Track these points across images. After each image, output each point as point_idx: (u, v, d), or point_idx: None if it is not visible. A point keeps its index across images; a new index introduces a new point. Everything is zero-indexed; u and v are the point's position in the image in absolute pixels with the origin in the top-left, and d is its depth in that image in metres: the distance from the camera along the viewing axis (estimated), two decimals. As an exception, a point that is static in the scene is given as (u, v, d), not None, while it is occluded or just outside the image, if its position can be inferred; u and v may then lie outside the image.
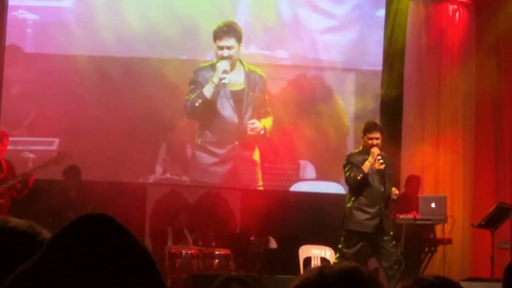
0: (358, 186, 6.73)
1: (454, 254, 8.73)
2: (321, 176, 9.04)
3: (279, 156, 8.96)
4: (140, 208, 8.59)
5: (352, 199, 6.81)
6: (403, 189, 8.35)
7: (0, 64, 8.73)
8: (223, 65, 8.73)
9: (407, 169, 8.89)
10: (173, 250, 7.56)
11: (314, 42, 9.04)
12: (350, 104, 9.15)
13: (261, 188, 8.94)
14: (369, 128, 6.79)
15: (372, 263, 7.35)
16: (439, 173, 9.01)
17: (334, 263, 6.58)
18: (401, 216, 8.11)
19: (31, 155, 8.09)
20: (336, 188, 8.98)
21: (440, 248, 8.50)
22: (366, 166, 6.70)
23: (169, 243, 7.94)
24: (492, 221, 7.79)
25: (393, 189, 6.92)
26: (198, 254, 7.55)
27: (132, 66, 8.77)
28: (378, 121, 7.23)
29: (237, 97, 8.85)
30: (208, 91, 8.77)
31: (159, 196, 8.85)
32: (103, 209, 7.95)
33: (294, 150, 8.95)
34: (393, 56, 9.15)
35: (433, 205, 8.32)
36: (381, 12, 9.20)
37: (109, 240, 1.04)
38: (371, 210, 6.73)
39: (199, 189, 8.93)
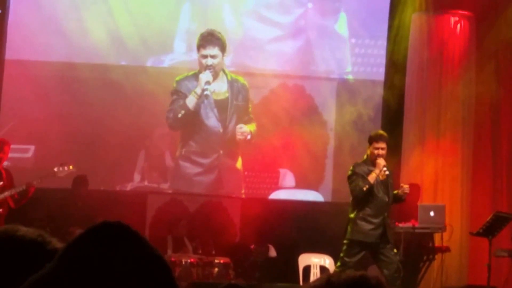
0: (363, 197, 6.75)
1: (452, 262, 8.75)
2: (300, 184, 9.06)
3: (260, 164, 8.95)
4: (140, 217, 8.58)
5: (357, 209, 6.82)
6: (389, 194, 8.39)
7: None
8: (205, 76, 8.68)
9: (406, 178, 8.91)
10: (173, 259, 7.56)
11: (261, 52, 8.99)
12: (330, 112, 9.15)
13: (243, 196, 8.94)
14: (375, 138, 6.84)
15: (372, 271, 7.38)
16: (438, 182, 9.05)
17: (340, 271, 6.63)
18: (400, 225, 8.15)
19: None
20: (314, 196, 9.01)
21: (438, 256, 8.54)
22: (372, 177, 6.73)
23: (169, 251, 7.94)
24: (489, 230, 7.84)
25: (401, 184, 6.98)
26: (198, 263, 7.55)
27: (108, 73, 8.72)
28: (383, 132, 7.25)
29: (221, 106, 8.83)
30: (191, 102, 8.73)
31: (159, 204, 8.84)
32: (102, 217, 7.93)
33: (274, 158, 8.94)
34: (395, 67, 9.20)
35: (432, 213, 8.36)
36: (330, 22, 9.16)
37: (125, 248, 1.05)
38: (376, 221, 6.77)
39: (199, 198, 8.93)
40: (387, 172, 6.80)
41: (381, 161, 6.76)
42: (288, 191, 9.01)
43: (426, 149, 9.06)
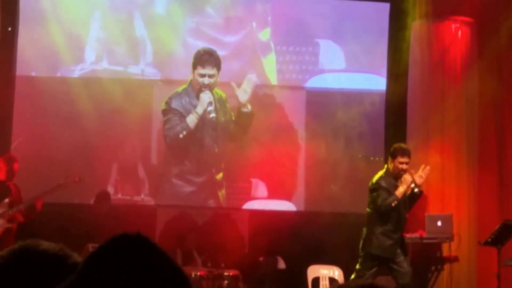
0: (389, 212, 6.75)
1: (460, 272, 8.76)
2: (273, 194, 9.08)
3: (233, 175, 8.97)
4: (149, 230, 8.62)
5: (378, 224, 6.80)
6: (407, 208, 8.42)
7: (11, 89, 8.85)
8: (207, 96, 8.69)
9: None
10: (183, 272, 7.60)
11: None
12: (300, 122, 9.15)
13: (224, 205, 8.97)
14: (400, 152, 6.81)
15: (380, 281, 7.40)
16: (444, 191, 9.07)
17: (350, 281, 6.66)
18: (408, 235, 8.17)
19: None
20: (287, 206, 9.03)
21: (447, 266, 8.55)
22: (400, 193, 6.71)
23: (179, 264, 7.98)
24: (498, 239, 7.83)
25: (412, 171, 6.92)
26: (208, 275, 7.57)
27: (78, 86, 8.75)
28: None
29: (212, 125, 8.87)
30: (192, 122, 8.75)
31: (168, 218, 8.90)
32: (111, 231, 8.01)
33: (245, 168, 8.95)
34: (397, 74, 9.25)
35: (439, 223, 8.38)
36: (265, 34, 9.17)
37: (144, 259, 1.06)
38: (396, 236, 6.79)
39: (208, 211, 8.99)
40: (416, 190, 6.80)
41: (408, 177, 6.73)
42: (261, 202, 9.04)
43: (431, 158, 9.07)
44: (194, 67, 8.77)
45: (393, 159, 6.81)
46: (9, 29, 8.84)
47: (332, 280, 7.81)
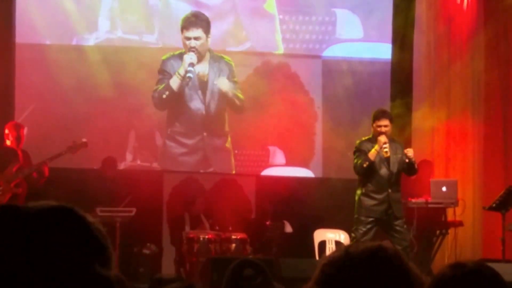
0: (365, 173, 6.88)
1: (465, 237, 8.86)
2: (290, 161, 9.13)
3: (249, 143, 8.99)
4: (158, 195, 8.73)
5: (361, 185, 6.99)
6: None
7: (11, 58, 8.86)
8: (189, 57, 8.66)
9: (417, 154, 8.92)
10: (191, 235, 7.71)
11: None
12: (317, 90, 9.14)
13: (234, 172, 9.03)
14: (378, 116, 6.92)
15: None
16: (450, 157, 9.13)
17: (357, 242, 6.80)
18: (413, 200, 8.26)
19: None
20: (305, 173, 9.10)
21: (451, 231, 8.64)
22: (372, 154, 6.85)
23: (187, 228, 8.08)
24: (503, 204, 7.92)
25: (407, 150, 7.00)
26: (216, 239, 7.69)
27: (93, 53, 8.77)
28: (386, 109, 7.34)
29: (204, 88, 8.87)
30: (174, 83, 8.75)
31: (176, 183, 8.97)
32: (119, 196, 8.20)
33: (262, 136, 8.96)
34: (402, 45, 9.23)
35: (444, 189, 8.46)
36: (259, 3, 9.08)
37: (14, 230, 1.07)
38: (378, 196, 6.91)
39: (215, 176, 9.06)
40: (385, 150, 6.85)
41: (382, 138, 6.83)
42: (279, 169, 9.10)
43: (437, 125, 9.12)
44: (182, 31, 8.76)
45: (372, 123, 6.94)
46: None
47: (338, 244, 7.92)
